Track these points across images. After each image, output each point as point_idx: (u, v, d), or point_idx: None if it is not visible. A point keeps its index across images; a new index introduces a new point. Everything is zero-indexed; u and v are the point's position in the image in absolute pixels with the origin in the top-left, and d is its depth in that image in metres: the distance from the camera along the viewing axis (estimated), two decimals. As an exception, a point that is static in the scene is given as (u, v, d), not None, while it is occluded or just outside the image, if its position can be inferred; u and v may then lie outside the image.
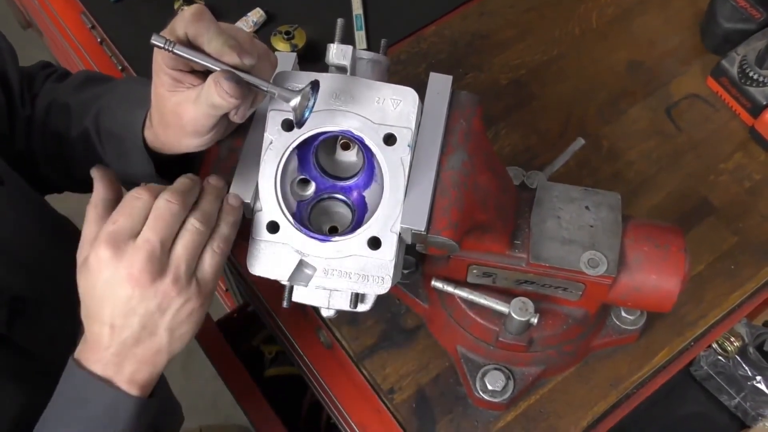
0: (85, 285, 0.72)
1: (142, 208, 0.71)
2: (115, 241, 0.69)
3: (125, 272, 0.69)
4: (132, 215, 0.71)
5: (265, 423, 1.44)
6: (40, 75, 0.98)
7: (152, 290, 0.70)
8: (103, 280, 0.70)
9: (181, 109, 0.74)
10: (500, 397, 0.94)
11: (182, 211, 0.72)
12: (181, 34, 0.70)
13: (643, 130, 1.18)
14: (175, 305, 0.71)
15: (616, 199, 0.88)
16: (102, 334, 0.71)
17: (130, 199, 0.72)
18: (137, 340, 0.72)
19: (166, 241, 0.70)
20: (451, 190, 0.76)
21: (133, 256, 0.69)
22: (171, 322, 0.72)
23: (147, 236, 0.70)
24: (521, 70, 1.23)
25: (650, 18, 1.29)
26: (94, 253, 0.70)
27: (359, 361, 1.00)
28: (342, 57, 0.79)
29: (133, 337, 0.71)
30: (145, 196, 0.72)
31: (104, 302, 0.70)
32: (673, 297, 0.87)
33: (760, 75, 1.13)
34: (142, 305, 0.70)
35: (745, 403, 1.33)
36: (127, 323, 0.71)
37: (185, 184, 0.75)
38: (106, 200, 0.75)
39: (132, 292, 0.69)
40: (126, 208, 0.71)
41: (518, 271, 0.87)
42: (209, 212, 0.74)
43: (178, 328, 0.73)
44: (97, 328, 0.72)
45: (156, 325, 0.71)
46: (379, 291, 0.77)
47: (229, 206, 0.77)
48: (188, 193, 0.74)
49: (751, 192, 1.12)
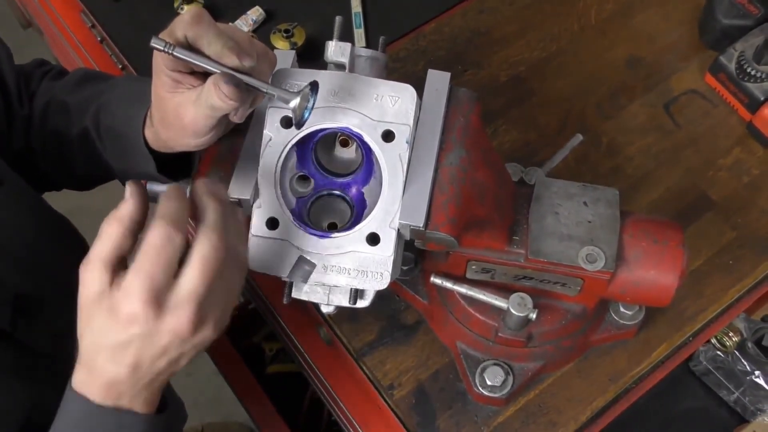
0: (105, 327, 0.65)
1: (177, 253, 0.64)
2: (156, 298, 0.63)
3: (167, 328, 0.64)
4: (169, 265, 0.63)
5: (266, 420, 1.44)
6: (37, 73, 0.98)
7: (191, 340, 0.66)
8: (134, 333, 0.64)
9: (182, 110, 0.75)
10: (499, 392, 0.94)
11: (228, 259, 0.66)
12: (181, 36, 0.70)
13: (642, 126, 1.18)
14: (206, 343, 0.68)
15: (614, 194, 0.88)
16: (118, 373, 0.66)
17: (163, 243, 0.63)
18: (158, 373, 0.68)
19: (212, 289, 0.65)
20: (449, 186, 0.77)
21: (177, 312, 0.63)
22: (194, 354, 0.69)
23: (195, 288, 0.64)
24: (520, 67, 1.23)
25: (649, 14, 1.29)
26: (129, 307, 0.63)
27: (359, 358, 1.01)
28: (341, 54, 0.80)
29: (156, 372, 0.67)
30: (178, 239, 0.64)
31: (130, 350, 0.65)
32: (671, 292, 0.87)
33: (757, 71, 1.13)
34: (178, 350, 0.66)
35: (744, 398, 1.33)
36: (154, 364, 0.66)
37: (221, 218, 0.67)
38: (132, 219, 0.67)
39: (170, 342, 0.65)
40: (162, 257, 0.63)
41: (517, 267, 0.87)
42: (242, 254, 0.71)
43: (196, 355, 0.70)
44: (111, 367, 0.66)
45: (180, 360, 0.68)
46: (378, 287, 0.77)
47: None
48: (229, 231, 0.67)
49: (749, 187, 1.13)
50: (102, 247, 0.65)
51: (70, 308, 0.89)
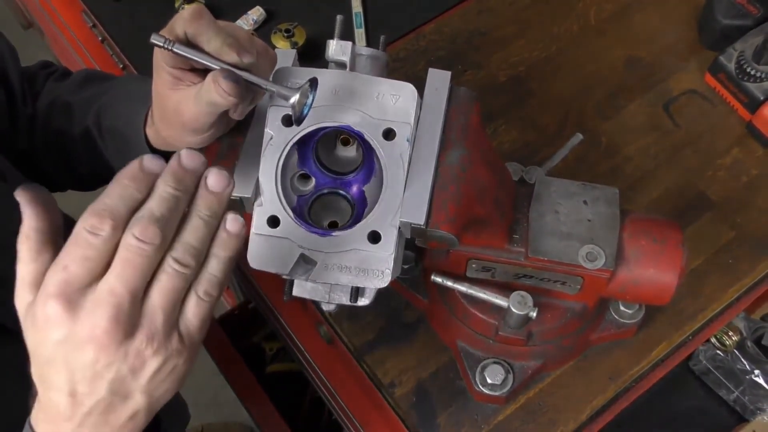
0: (32, 341, 0.57)
1: (102, 249, 0.54)
2: (67, 294, 0.54)
3: (85, 333, 0.54)
4: (88, 259, 0.54)
5: (267, 419, 1.45)
6: (41, 74, 0.99)
7: (122, 352, 0.55)
8: (54, 340, 0.55)
9: (182, 107, 0.75)
10: (500, 390, 0.94)
11: (159, 251, 0.55)
12: (181, 33, 0.70)
13: (641, 126, 1.18)
14: (152, 366, 0.57)
15: (613, 193, 0.88)
16: (61, 403, 0.57)
17: (84, 235, 0.54)
18: (107, 408, 0.58)
19: (137, 291, 0.55)
20: (449, 184, 0.77)
21: (93, 312, 0.54)
22: (148, 384, 0.58)
23: (112, 286, 0.54)
24: (520, 67, 1.24)
25: (648, 14, 1.29)
26: (41, 308, 0.54)
27: (360, 356, 1.01)
28: (341, 53, 0.80)
29: (102, 405, 0.58)
30: (106, 231, 0.54)
31: (58, 367, 0.56)
32: (670, 290, 0.87)
33: (757, 71, 1.14)
34: (111, 370, 0.56)
35: (744, 397, 1.33)
36: (93, 390, 0.57)
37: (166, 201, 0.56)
38: (39, 230, 0.57)
39: (95, 356, 0.55)
40: (80, 249, 0.54)
41: (517, 265, 0.88)
42: (197, 248, 0.57)
43: (158, 388, 0.59)
44: (54, 396, 0.58)
45: (129, 390, 0.57)
46: (378, 285, 0.78)
47: (225, 235, 0.59)
48: (168, 220, 0.56)
49: (748, 187, 1.13)
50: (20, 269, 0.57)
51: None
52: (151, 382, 0.58)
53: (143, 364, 0.57)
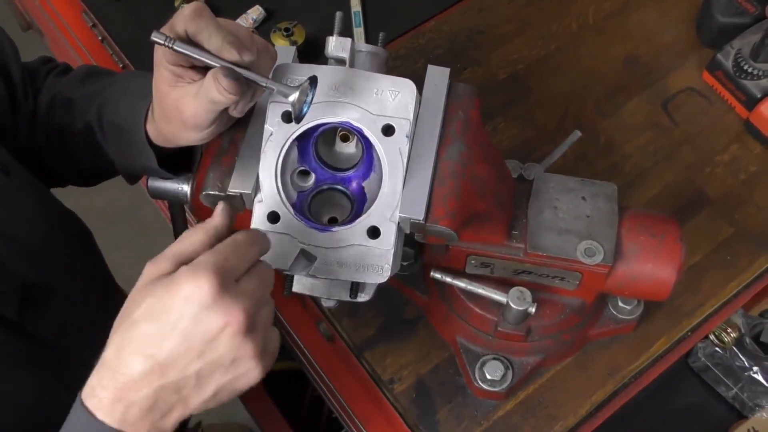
0: (153, 307, 0.61)
1: (251, 259, 0.65)
2: (224, 277, 0.61)
3: (224, 311, 0.60)
4: (243, 260, 0.64)
5: (266, 417, 1.45)
6: (42, 70, 0.99)
7: (240, 340, 0.61)
8: (187, 313, 0.60)
9: (182, 104, 0.75)
10: (499, 386, 0.95)
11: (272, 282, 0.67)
12: (181, 30, 0.71)
13: (640, 124, 1.19)
14: (245, 367, 0.63)
15: (612, 189, 0.89)
16: (142, 372, 0.61)
17: (243, 243, 0.65)
18: (180, 388, 0.62)
19: (267, 300, 0.65)
20: (448, 180, 0.77)
21: (239, 298, 0.61)
22: (227, 383, 0.63)
23: (254, 288, 0.63)
24: (519, 65, 1.24)
25: (646, 13, 1.30)
26: (193, 280, 0.60)
27: (359, 353, 1.01)
28: (341, 49, 0.80)
29: (180, 383, 0.62)
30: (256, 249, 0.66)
31: (173, 336, 0.60)
32: (668, 286, 0.88)
33: (754, 68, 1.14)
34: (219, 352, 0.61)
35: (743, 394, 1.34)
36: (187, 366, 0.61)
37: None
38: (217, 234, 0.67)
39: (219, 333, 0.61)
40: (239, 251, 0.64)
41: (516, 261, 0.88)
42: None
43: (226, 391, 0.64)
44: (137, 362, 0.61)
45: (212, 379, 0.63)
46: (378, 280, 0.78)
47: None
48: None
49: (746, 184, 1.13)
50: (178, 246, 0.65)
51: (77, 299, 0.89)
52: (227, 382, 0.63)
53: (242, 361, 0.63)
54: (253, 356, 0.63)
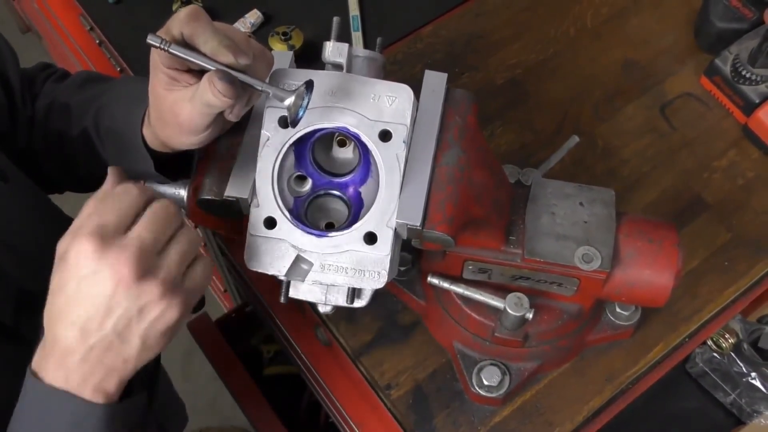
0: (58, 280, 0.65)
1: (133, 206, 0.66)
2: (101, 235, 0.63)
3: (109, 268, 0.62)
4: (122, 210, 0.65)
5: (264, 422, 1.45)
6: (40, 76, 0.99)
7: (136, 290, 0.63)
8: (80, 275, 0.63)
9: (178, 108, 0.75)
10: (496, 392, 0.95)
11: (178, 218, 0.68)
12: (177, 33, 0.70)
13: (638, 129, 1.19)
14: (156, 311, 0.65)
15: (609, 195, 0.89)
16: (68, 338, 0.65)
17: (120, 193, 0.66)
18: (107, 347, 0.65)
19: (159, 243, 0.65)
20: (446, 185, 0.77)
21: (121, 251, 0.63)
22: (147, 330, 0.65)
23: (139, 233, 0.64)
24: (517, 70, 1.24)
25: (644, 18, 1.30)
26: (76, 246, 0.63)
27: (356, 358, 1.01)
28: (338, 54, 0.80)
29: (104, 342, 0.65)
30: (134, 191, 0.67)
31: (78, 301, 0.64)
32: (666, 292, 0.87)
33: (752, 73, 1.14)
34: (122, 306, 0.64)
35: (741, 400, 1.33)
36: (101, 326, 0.64)
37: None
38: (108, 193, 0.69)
39: (114, 289, 0.63)
40: (116, 202, 0.65)
41: (513, 267, 0.88)
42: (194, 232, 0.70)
43: (152, 337, 0.66)
44: (62, 331, 0.65)
45: (131, 332, 0.65)
46: (375, 285, 0.78)
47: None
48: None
49: (744, 189, 1.13)
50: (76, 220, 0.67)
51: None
52: (150, 329, 0.65)
53: (150, 307, 0.64)
54: (158, 299, 0.64)
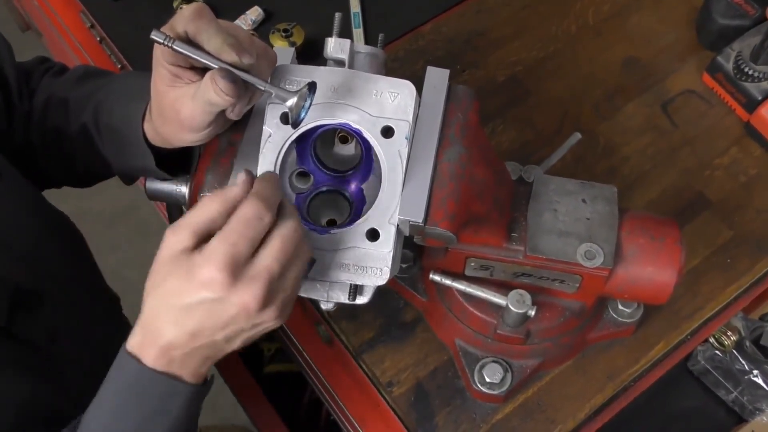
0: (177, 287, 0.66)
1: (263, 232, 0.67)
2: (234, 267, 0.64)
3: (237, 299, 0.65)
4: (254, 240, 0.66)
5: (264, 420, 1.45)
6: (38, 70, 0.99)
7: (256, 316, 0.67)
8: (206, 298, 0.65)
9: (179, 105, 0.75)
10: (498, 389, 0.94)
11: (301, 239, 0.70)
12: (181, 31, 0.70)
13: (639, 126, 1.18)
14: (266, 326, 0.69)
15: (612, 192, 0.88)
16: (176, 337, 0.67)
17: (252, 217, 0.66)
18: (212, 346, 0.69)
19: (284, 271, 0.68)
20: (448, 182, 0.77)
21: (250, 284, 0.65)
22: (249, 337, 0.70)
23: (269, 264, 0.66)
24: (518, 67, 1.24)
25: (646, 15, 1.29)
26: (207, 270, 0.64)
27: (358, 355, 1.01)
28: (340, 51, 0.80)
29: (211, 345, 0.68)
30: (268, 218, 0.67)
31: (195, 314, 0.66)
32: (668, 289, 0.87)
33: (755, 70, 1.14)
34: (239, 326, 0.67)
35: (743, 398, 1.33)
36: (213, 335, 0.67)
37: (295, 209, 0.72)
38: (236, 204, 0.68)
39: (236, 315, 0.66)
40: (248, 229, 0.66)
41: (515, 264, 0.88)
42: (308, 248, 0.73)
43: (251, 339, 0.71)
44: (171, 330, 0.67)
45: (237, 338, 0.69)
46: (377, 282, 0.78)
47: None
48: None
49: (746, 187, 1.13)
50: (195, 216, 0.67)
51: (68, 304, 0.89)
52: (254, 336, 0.70)
53: (262, 325, 0.69)
54: (271, 320, 0.68)
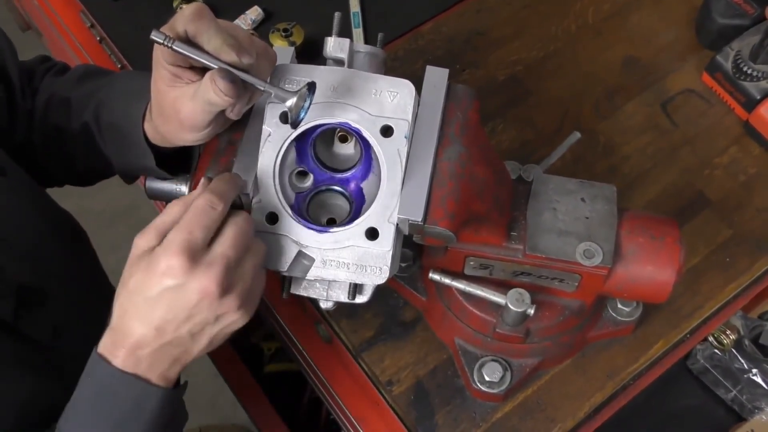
0: (140, 281, 0.69)
1: (218, 221, 0.71)
2: (191, 253, 0.68)
3: (197, 284, 0.68)
4: (209, 227, 0.70)
5: (265, 419, 1.45)
6: (40, 69, 0.99)
7: (218, 303, 0.69)
8: (166, 285, 0.68)
9: (179, 104, 0.75)
10: (497, 388, 0.95)
11: (253, 229, 0.74)
12: (181, 31, 0.71)
13: (639, 125, 1.19)
14: (231, 319, 0.71)
15: (611, 191, 0.88)
16: (143, 335, 0.70)
17: (204, 208, 0.71)
18: (178, 344, 0.71)
19: (239, 259, 0.71)
20: (447, 181, 0.77)
21: (208, 269, 0.68)
22: (217, 333, 0.72)
23: (224, 250, 0.69)
24: (518, 67, 1.24)
25: (645, 14, 1.30)
26: (165, 259, 0.68)
27: (358, 354, 1.01)
28: (339, 50, 0.80)
29: (177, 341, 0.71)
30: (220, 207, 0.71)
31: (159, 305, 0.69)
32: (668, 288, 0.87)
33: (754, 70, 1.14)
34: (202, 315, 0.69)
35: (742, 396, 1.33)
36: (177, 329, 0.70)
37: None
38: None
39: (198, 302, 0.68)
40: (202, 218, 0.70)
41: (515, 263, 0.88)
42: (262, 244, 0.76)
43: (218, 338, 0.73)
44: (138, 327, 0.70)
45: (203, 334, 0.71)
46: (377, 281, 0.78)
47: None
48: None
49: (745, 186, 1.13)
50: (161, 219, 0.71)
51: (71, 301, 0.89)
52: (220, 332, 0.72)
53: (226, 316, 0.71)
54: (234, 310, 0.71)
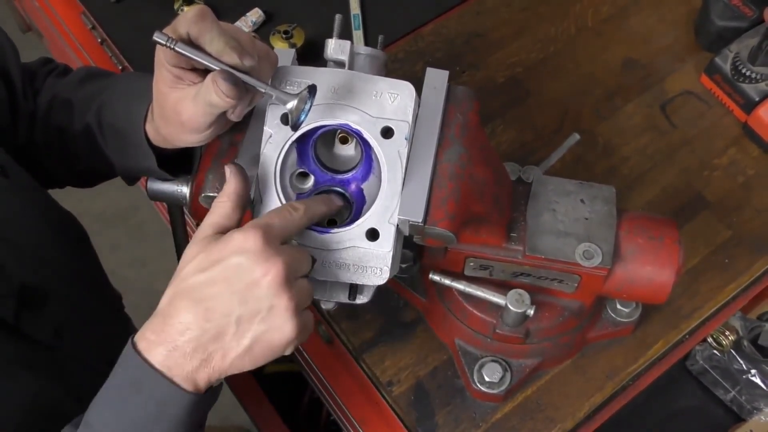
0: (202, 260, 0.68)
1: (298, 223, 0.72)
2: (268, 234, 0.67)
3: (265, 262, 0.66)
4: (288, 222, 0.71)
5: (265, 420, 1.45)
6: (42, 71, 0.99)
7: (277, 290, 0.67)
8: (235, 260, 0.66)
9: (181, 106, 0.76)
10: (497, 388, 0.95)
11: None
12: (183, 32, 0.71)
13: (638, 127, 1.19)
14: (280, 320, 0.67)
15: (610, 192, 0.89)
16: (188, 313, 0.67)
17: (288, 207, 0.73)
18: (220, 335, 0.67)
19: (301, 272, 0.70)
20: (448, 182, 0.78)
21: (279, 253, 0.67)
22: (261, 335, 0.68)
23: (294, 252, 0.70)
24: (517, 68, 1.24)
25: (645, 16, 1.30)
26: (242, 236, 0.67)
27: (358, 355, 1.01)
28: (340, 52, 0.81)
29: (220, 328, 0.67)
30: (301, 210, 0.73)
31: (217, 284, 0.67)
32: (667, 288, 0.88)
33: (752, 72, 1.14)
34: (257, 298, 0.67)
35: (741, 397, 1.34)
36: (228, 311, 0.67)
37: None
38: (239, 193, 0.73)
39: (259, 281, 0.66)
40: (284, 213, 0.71)
41: (514, 264, 0.88)
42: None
43: (260, 346, 0.68)
44: (185, 305, 0.67)
45: (249, 328, 0.67)
46: (377, 282, 0.78)
47: None
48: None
49: (744, 187, 1.14)
50: (213, 217, 0.72)
51: (73, 302, 0.89)
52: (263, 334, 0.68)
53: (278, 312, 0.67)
54: (287, 308, 0.67)
